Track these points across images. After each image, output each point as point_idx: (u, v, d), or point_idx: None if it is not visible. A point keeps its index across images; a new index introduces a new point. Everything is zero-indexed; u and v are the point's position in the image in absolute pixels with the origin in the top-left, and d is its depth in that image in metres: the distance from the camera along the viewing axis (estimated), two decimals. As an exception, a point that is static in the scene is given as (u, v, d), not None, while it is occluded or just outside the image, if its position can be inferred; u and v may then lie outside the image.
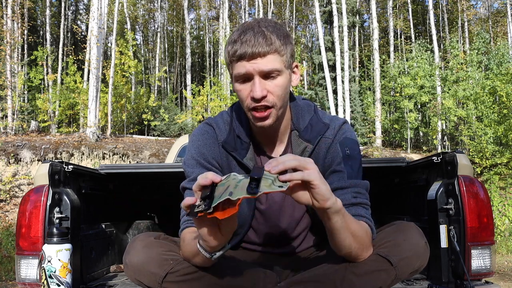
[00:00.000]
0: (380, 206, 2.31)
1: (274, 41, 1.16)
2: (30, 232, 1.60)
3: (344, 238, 1.06)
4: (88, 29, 13.97)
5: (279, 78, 1.18)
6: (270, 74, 1.17)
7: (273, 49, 1.15)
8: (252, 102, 1.19)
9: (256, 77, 1.17)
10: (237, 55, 1.16)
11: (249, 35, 1.15)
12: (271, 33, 1.16)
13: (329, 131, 1.31)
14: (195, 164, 1.30)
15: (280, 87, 1.19)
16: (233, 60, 1.18)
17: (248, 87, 1.19)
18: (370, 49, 21.67)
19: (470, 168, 1.69)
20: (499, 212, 8.18)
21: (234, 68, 1.19)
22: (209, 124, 1.36)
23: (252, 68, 1.16)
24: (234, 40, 1.17)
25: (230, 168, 1.32)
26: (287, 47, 1.19)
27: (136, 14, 26.35)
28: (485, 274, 1.62)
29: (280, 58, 1.17)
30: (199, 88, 16.68)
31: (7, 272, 5.55)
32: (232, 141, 1.31)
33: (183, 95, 21.59)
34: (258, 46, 1.14)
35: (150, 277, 1.14)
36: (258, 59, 1.15)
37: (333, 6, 16.07)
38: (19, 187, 8.86)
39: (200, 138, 1.33)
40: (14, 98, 13.77)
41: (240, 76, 1.18)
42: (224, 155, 1.32)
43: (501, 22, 25.34)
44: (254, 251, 1.44)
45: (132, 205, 2.65)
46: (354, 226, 1.07)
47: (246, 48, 1.14)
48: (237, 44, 1.16)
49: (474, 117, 12.63)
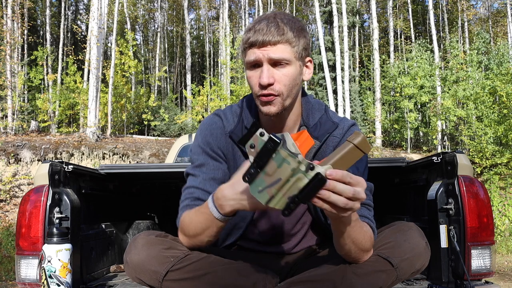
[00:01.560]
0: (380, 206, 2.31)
1: (286, 32, 1.18)
2: (30, 232, 1.60)
3: (345, 242, 1.07)
4: (88, 29, 13.97)
5: (288, 67, 1.20)
6: (279, 63, 1.19)
7: (284, 39, 1.18)
8: (259, 89, 1.21)
9: (265, 64, 1.19)
10: (249, 42, 1.19)
11: (263, 24, 1.19)
12: (285, 24, 1.19)
13: (337, 130, 1.32)
14: (201, 152, 1.33)
15: (288, 77, 1.20)
16: (246, 47, 1.21)
17: (258, 74, 1.21)
18: (370, 49, 21.66)
19: (470, 168, 1.69)
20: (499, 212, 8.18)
21: (246, 55, 1.22)
22: (217, 115, 1.39)
23: (262, 55, 1.18)
24: (249, 28, 1.21)
25: (235, 159, 1.34)
26: (299, 40, 1.21)
27: (136, 14, 26.33)
28: (485, 274, 1.62)
29: (291, 48, 1.19)
30: (199, 88, 16.67)
31: (7, 272, 5.56)
32: (239, 132, 1.32)
33: (183, 95, 21.59)
34: (269, 34, 1.17)
35: (151, 275, 1.14)
36: (268, 46, 1.18)
37: (333, 6, 16.07)
38: (19, 187, 8.86)
39: (208, 128, 1.36)
40: (14, 98, 13.77)
41: (251, 62, 1.21)
42: (230, 145, 1.34)
43: (501, 22, 25.33)
44: (254, 249, 1.44)
45: (132, 205, 2.65)
46: (358, 232, 1.08)
47: (258, 36, 1.18)
48: (251, 32, 1.19)
49: (474, 117, 12.63)
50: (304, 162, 0.85)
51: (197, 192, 1.28)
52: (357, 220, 1.07)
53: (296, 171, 0.85)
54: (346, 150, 0.89)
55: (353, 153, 0.89)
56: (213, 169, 1.31)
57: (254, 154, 0.88)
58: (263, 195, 0.88)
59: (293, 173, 0.86)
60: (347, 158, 0.89)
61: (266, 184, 0.87)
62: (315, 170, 0.85)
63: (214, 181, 1.30)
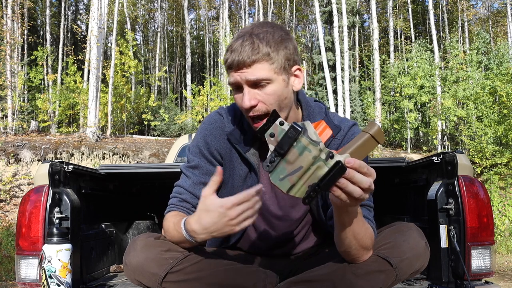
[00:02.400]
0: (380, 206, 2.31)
1: (261, 49, 1.13)
2: (30, 232, 1.60)
3: (347, 236, 1.07)
4: (88, 29, 13.97)
5: (269, 86, 1.16)
6: (259, 83, 1.16)
7: (259, 57, 1.13)
8: (245, 111, 1.20)
9: (245, 86, 1.17)
10: (227, 64, 1.17)
11: (238, 43, 1.15)
12: (260, 40, 1.14)
13: (339, 132, 1.32)
14: (197, 152, 1.33)
15: (272, 96, 1.17)
16: (227, 69, 1.19)
17: (241, 96, 1.19)
18: (370, 49, 21.67)
19: (470, 168, 1.69)
20: (499, 212, 8.18)
21: (229, 77, 1.20)
22: (219, 114, 1.38)
23: (239, 78, 1.16)
24: (228, 48, 1.18)
25: (232, 161, 1.34)
26: (279, 52, 1.16)
27: (136, 14, 26.33)
28: (485, 274, 1.62)
29: (269, 66, 1.15)
30: (199, 88, 16.67)
31: (7, 272, 5.56)
32: (237, 134, 1.32)
33: (183, 95, 21.58)
34: (243, 54, 1.13)
35: (150, 277, 1.14)
36: (244, 69, 1.14)
37: (333, 6, 16.07)
38: (19, 187, 8.86)
39: (208, 127, 1.35)
40: (14, 98, 13.77)
41: (232, 85, 1.19)
42: (228, 146, 1.34)
43: (501, 22, 25.33)
44: (254, 251, 1.44)
45: (132, 205, 2.65)
46: (360, 227, 1.08)
47: (234, 56, 1.14)
48: (228, 53, 1.17)
49: (474, 117, 12.63)
50: (325, 150, 0.86)
51: (185, 194, 1.29)
52: (360, 213, 1.07)
53: (317, 159, 0.86)
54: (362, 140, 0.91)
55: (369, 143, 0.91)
56: (205, 174, 1.31)
57: (275, 143, 0.89)
58: (284, 183, 0.89)
59: (314, 161, 0.86)
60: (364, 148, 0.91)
61: (287, 172, 0.88)
62: (335, 158, 0.86)
63: (204, 186, 1.30)
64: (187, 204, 1.28)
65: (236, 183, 1.33)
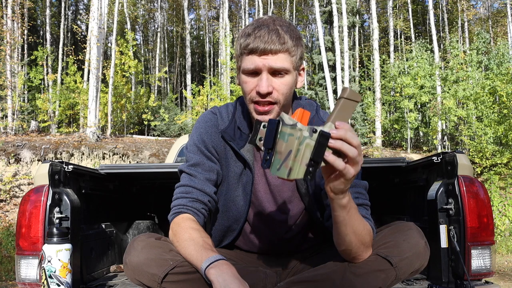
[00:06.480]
0: (380, 206, 2.31)
1: (287, 40, 1.17)
2: (30, 232, 1.60)
3: (346, 232, 1.07)
4: (88, 29, 13.96)
5: (287, 77, 1.21)
6: (279, 72, 1.19)
7: (285, 48, 1.17)
8: (256, 95, 1.21)
9: (265, 72, 1.19)
10: (249, 48, 1.18)
11: (263, 31, 1.17)
12: (285, 33, 1.18)
13: None
14: (196, 150, 1.35)
15: (286, 86, 1.22)
16: (244, 52, 1.20)
17: (255, 81, 1.21)
18: (370, 49, 21.66)
19: (470, 168, 1.69)
20: (499, 212, 8.18)
21: (244, 61, 1.21)
22: (213, 113, 1.40)
23: (262, 64, 1.18)
24: (248, 33, 1.19)
25: (227, 158, 1.35)
26: (298, 49, 1.21)
27: (136, 14, 26.32)
28: (485, 274, 1.62)
29: (290, 58, 1.19)
30: (199, 88, 16.66)
31: (7, 272, 5.56)
32: (231, 131, 1.34)
33: (183, 95, 21.58)
34: (271, 43, 1.16)
35: (150, 277, 1.14)
36: (269, 55, 1.17)
37: (333, 6, 16.07)
38: (19, 187, 8.86)
39: (203, 126, 1.37)
40: (14, 98, 13.77)
41: (249, 70, 1.20)
42: (223, 144, 1.36)
43: (501, 22, 25.33)
44: (253, 250, 1.44)
45: (132, 205, 2.65)
46: (358, 222, 1.08)
47: (259, 43, 1.16)
48: (251, 38, 1.18)
49: (474, 117, 12.62)
50: (305, 128, 0.91)
51: (195, 193, 1.29)
52: (356, 209, 1.07)
53: (302, 139, 0.91)
54: (340, 105, 0.95)
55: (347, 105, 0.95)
56: (207, 170, 1.32)
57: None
58: (282, 171, 0.92)
59: (300, 141, 0.91)
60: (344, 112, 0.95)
61: (281, 161, 0.93)
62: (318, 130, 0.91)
63: (209, 182, 1.31)
64: (199, 204, 1.28)
65: (231, 180, 1.35)
